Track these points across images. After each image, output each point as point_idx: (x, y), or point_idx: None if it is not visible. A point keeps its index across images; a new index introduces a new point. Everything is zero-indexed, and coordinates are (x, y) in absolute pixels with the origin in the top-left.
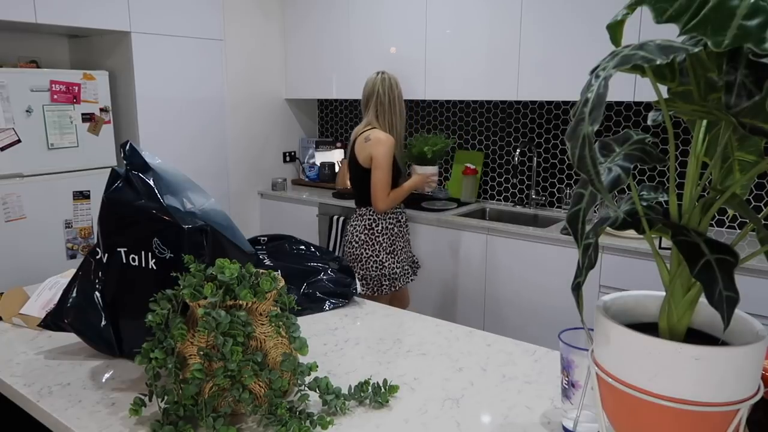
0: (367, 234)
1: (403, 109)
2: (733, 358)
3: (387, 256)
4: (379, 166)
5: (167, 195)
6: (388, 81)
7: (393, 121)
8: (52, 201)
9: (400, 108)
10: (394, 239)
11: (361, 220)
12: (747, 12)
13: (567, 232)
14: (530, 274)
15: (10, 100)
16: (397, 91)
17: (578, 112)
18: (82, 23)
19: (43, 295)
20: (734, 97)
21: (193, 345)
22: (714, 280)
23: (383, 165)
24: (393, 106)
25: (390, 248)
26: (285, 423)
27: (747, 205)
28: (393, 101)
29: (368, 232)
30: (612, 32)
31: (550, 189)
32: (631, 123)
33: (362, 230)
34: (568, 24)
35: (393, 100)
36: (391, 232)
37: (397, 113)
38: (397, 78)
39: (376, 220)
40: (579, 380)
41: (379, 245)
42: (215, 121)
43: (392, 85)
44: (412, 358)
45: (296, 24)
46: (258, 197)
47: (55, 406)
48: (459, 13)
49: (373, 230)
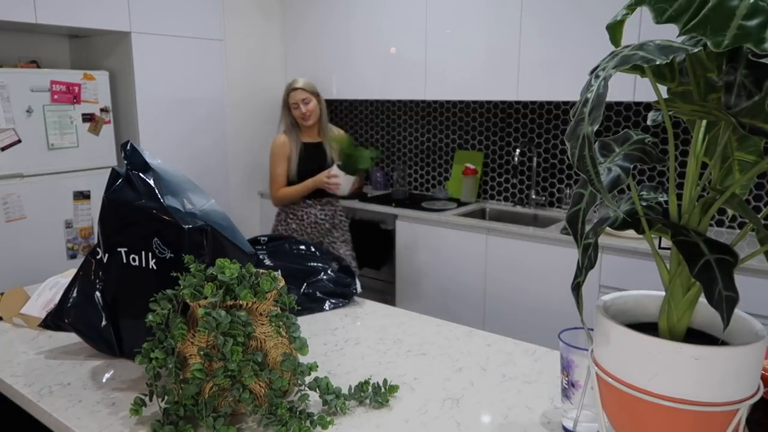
0: (298, 224)
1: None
2: (732, 358)
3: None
4: (271, 163)
5: (167, 195)
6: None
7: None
8: (52, 201)
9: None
10: (323, 234)
11: (294, 209)
12: (747, 12)
13: (567, 232)
14: (530, 273)
15: (10, 100)
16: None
17: (578, 112)
18: (82, 23)
19: (43, 295)
20: (734, 97)
21: (194, 345)
22: (714, 280)
23: (272, 162)
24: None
25: (317, 240)
26: (285, 423)
27: (747, 205)
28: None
29: (299, 221)
30: (612, 32)
31: (550, 189)
32: (631, 123)
33: (293, 218)
34: (568, 24)
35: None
36: (321, 227)
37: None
38: (290, 82)
39: (308, 212)
40: (579, 380)
41: (308, 236)
42: (215, 121)
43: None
44: (412, 358)
45: (296, 24)
46: (258, 197)
47: (55, 406)
48: (459, 13)
49: (303, 221)
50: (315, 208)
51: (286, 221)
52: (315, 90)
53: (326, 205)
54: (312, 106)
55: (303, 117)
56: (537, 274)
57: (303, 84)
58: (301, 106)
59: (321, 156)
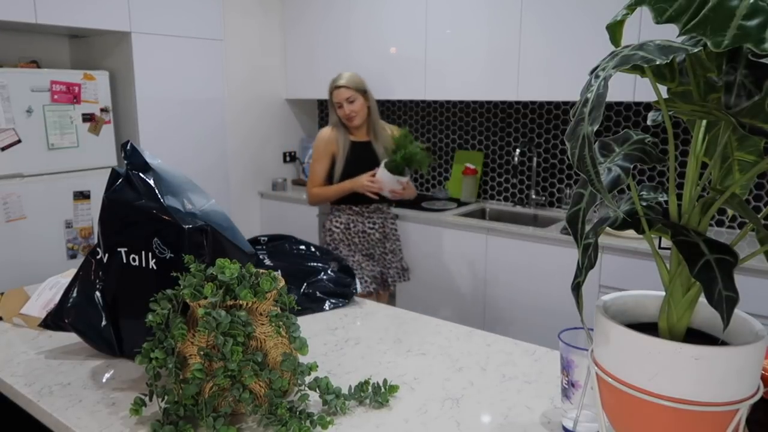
0: (344, 233)
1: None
2: (733, 358)
3: (364, 258)
4: (312, 157)
5: (168, 195)
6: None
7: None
8: (52, 201)
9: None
10: (373, 245)
11: (338, 216)
12: (746, 12)
13: (567, 232)
14: (530, 273)
15: (10, 100)
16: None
17: (578, 112)
18: (82, 23)
19: (43, 295)
20: (734, 97)
21: (194, 345)
22: (714, 280)
23: (313, 157)
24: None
25: (367, 251)
26: (285, 423)
27: (747, 205)
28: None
29: (345, 230)
30: (612, 32)
31: (550, 189)
32: (631, 123)
33: (339, 227)
34: (568, 24)
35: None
36: (371, 237)
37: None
38: (334, 78)
39: (354, 221)
40: (579, 380)
41: (355, 246)
42: (215, 121)
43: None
44: (412, 358)
45: (296, 24)
46: (258, 197)
47: (55, 406)
48: (459, 13)
49: (350, 230)
50: (362, 216)
51: (331, 231)
52: (362, 87)
53: (375, 212)
54: (357, 106)
55: (348, 118)
56: (537, 274)
57: (347, 80)
58: (345, 106)
59: (370, 157)
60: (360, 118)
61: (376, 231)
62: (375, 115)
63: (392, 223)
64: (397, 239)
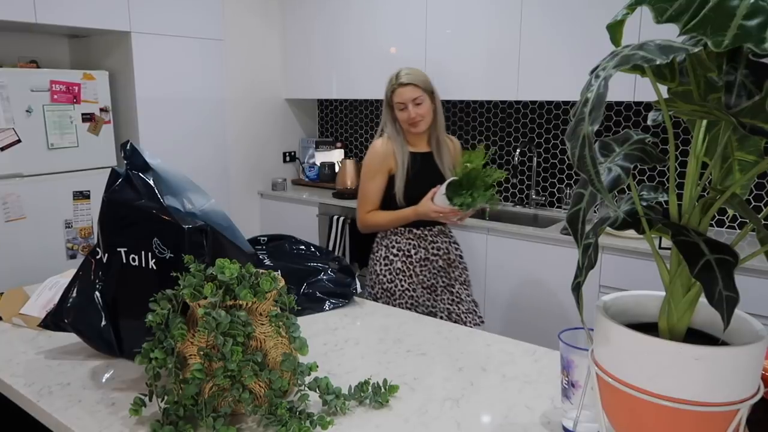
0: (404, 262)
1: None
2: (733, 358)
3: (424, 292)
4: (361, 175)
5: (167, 195)
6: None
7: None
8: (52, 201)
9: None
10: (435, 274)
11: (397, 242)
12: (747, 12)
13: (567, 232)
14: (530, 274)
15: (10, 100)
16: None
17: (578, 112)
18: (82, 23)
19: (43, 295)
20: (734, 97)
21: (193, 345)
22: (714, 280)
23: (362, 174)
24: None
25: (428, 283)
26: (285, 423)
27: (747, 205)
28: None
29: (406, 259)
30: (612, 32)
31: (550, 189)
32: (631, 123)
33: (398, 254)
34: (569, 24)
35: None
36: (433, 266)
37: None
38: (395, 74)
39: (416, 246)
40: (579, 380)
41: (416, 278)
42: (215, 121)
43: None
44: (412, 358)
45: (296, 24)
46: (258, 197)
47: (55, 406)
48: (459, 13)
49: (411, 258)
50: (425, 241)
51: (389, 260)
52: (429, 86)
53: (439, 236)
54: (424, 109)
55: (412, 122)
56: (537, 274)
57: (414, 78)
58: (410, 108)
59: (433, 172)
60: (426, 123)
61: (439, 258)
62: (441, 120)
63: (456, 248)
64: (464, 268)
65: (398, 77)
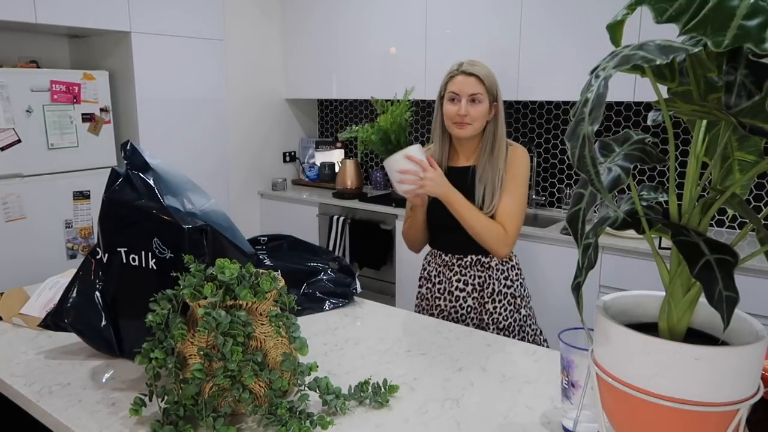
0: (430, 290)
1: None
2: (733, 358)
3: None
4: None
5: (167, 195)
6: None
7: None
8: (52, 201)
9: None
10: (462, 316)
11: (428, 265)
12: (747, 12)
13: (567, 232)
14: (530, 274)
15: (10, 100)
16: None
17: (578, 112)
18: (82, 23)
19: (43, 295)
20: (734, 97)
21: (193, 345)
22: (714, 280)
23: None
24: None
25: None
26: (285, 423)
27: (747, 205)
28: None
29: (431, 288)
30: (612, 32)
31: (550, 189)
32: (631, 123)
33: (425, 282)
34: (569, 24)
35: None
36: (460, 305)
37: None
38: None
39: (441, 275)
40: (579, 380)
41: (440, 314)
42: (215, 121)
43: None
44: (412, 358)
45: (296, 24)
46: (258, 197)
47: (55, 406)
48: (459, 13)
49: (434, 288)
50: (450, 270)
51: (419, 280)
52: (495, 88)
53: (472, 267)
54: (479, 111)
55: (457, 121)
56: (537, 274)
57: (479, 70)
58: (462, 103)
59: (464, 191)
60: (474, 129)
61: (468, 295)
62: (500, 133)
63: (501, 284)
64: (512, 311)
65: (461, 65)
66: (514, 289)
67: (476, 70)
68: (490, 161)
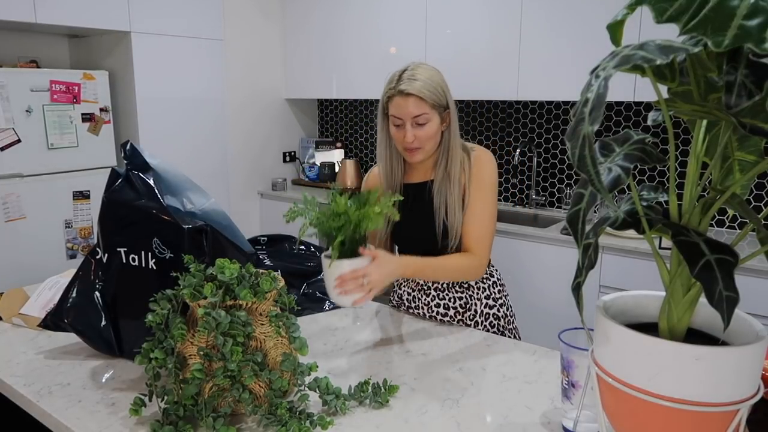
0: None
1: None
2: (733, 358)
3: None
4: None
5: (167, 195)
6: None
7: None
8: (52, 201)
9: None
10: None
11: (400, 287)
12: (747, 12)
13: (567, 232)
14: (530, 274)
15: (10, 100)
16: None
17: (578, 112)
18: (82, 23)
19: (43, 295)
20: (734, 97)
21: (193, 345)
22: (714, 280)
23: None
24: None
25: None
26: (285, 423)
27: (747, 205)
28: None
29: (404, 311)
30: (612, 32)
31: (550, 189)
32: (631, 123)
33: (395, 305)
34: (569, 24)
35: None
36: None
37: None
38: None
39: (414, 299)
40: (579, 380)
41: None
42: (215, 120)
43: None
44: (412, 358)
45: (296, 24)
46: (258, 197)
47: (55, 406)
48: (459, 13)
49: (407, 312)
50: (427, 296)
51: (396, 304)
52: (442, 99)
53: (448, 290)
54: (428, 132)
55: (407, 147)
56: (537, 274)
57: (420, 88)
58: (407, 129)
59: (424, 209)
60: (425, 153)
61: (452, 319)
62: (453, 141)
63: (483, 304)
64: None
65: (399, 80)
66: (497, 309)
67: (414, 89)
68: (447, 173)
